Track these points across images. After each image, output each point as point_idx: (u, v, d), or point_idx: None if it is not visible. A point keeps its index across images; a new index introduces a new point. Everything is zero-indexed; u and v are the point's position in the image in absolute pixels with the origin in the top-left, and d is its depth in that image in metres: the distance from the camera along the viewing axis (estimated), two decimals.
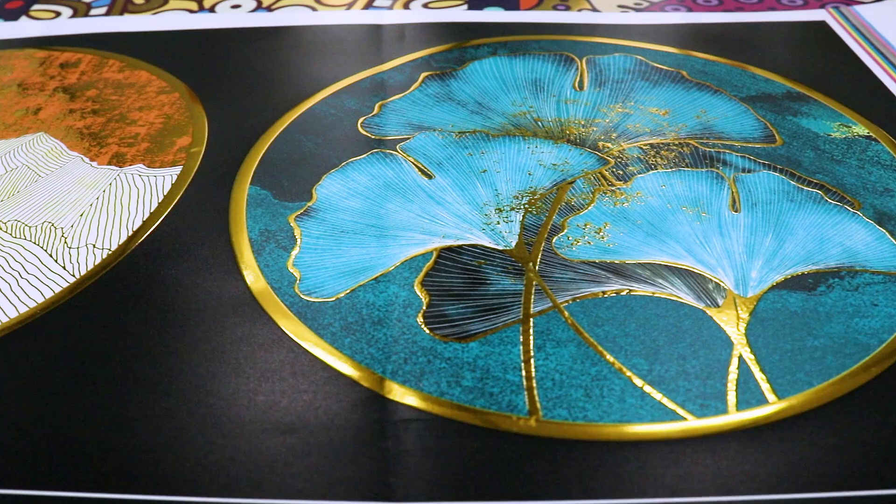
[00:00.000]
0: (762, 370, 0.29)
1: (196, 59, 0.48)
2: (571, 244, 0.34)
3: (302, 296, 0.32)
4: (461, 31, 0.50)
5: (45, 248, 0.35)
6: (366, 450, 0.26)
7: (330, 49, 0.48)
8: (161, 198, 0.37)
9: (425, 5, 0.51)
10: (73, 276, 0.34)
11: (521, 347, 0.30)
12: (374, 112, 0.42)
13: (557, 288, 0.32)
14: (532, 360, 0.29)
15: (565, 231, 0.35)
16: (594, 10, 0.52)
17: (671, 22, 0.52)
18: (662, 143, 0.40)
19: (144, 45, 0.50)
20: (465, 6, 0.53)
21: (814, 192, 0.37)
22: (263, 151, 0.39)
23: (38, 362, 0.30)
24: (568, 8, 0.52)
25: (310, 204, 0.36)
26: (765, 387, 0.28)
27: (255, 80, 0.46)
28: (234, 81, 0.46)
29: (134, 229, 0.36)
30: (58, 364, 0.29)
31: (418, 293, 0.32)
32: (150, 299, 0.32)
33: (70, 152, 0.41)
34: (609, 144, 0.40)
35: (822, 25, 0.52)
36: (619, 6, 0.52)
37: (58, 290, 0.33)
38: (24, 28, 0.53)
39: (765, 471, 0.26)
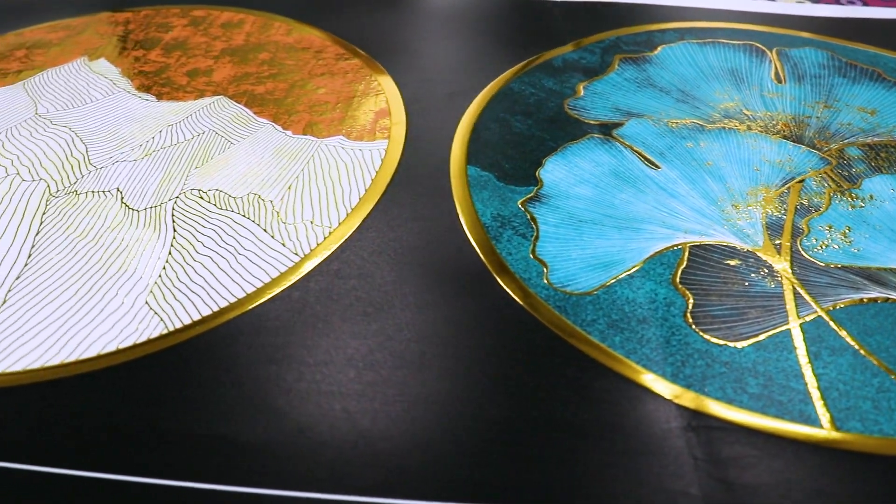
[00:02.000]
0: None
1: (361, 23, 0.46)
2: (818, 247, 0.33)
3: (555, 288, 0.30)
4: (637, 14, 0.48)
5: (256, 221, 0.33)
6: (666, 458, 0.25)
7: (507, 23, 0.46)
8: (374, 173, 0.35)
9: None
10: (296, 254, 0.32)
11: (797, 354, 0.29)
12: (578, 94, 0.40)
13: (816, 293, 0.31)
14: (812, 368, 0.28)
15: (809, 233, 0.33)
16: None
17: (849, 16, 0.50)
18: (880, 144, 0.39)
19: (305, 7, 0.47)
20: None
21: None
22: (470, 129, 0.38)
23: (272, 341, 0.28)
24: None
25: (538, 189, 0.34)
26: None
27: (433, 51, 0.43)
28: (411, 51, 0.43)
29: (352, 206, 0.34)
30: (293, 341, 0.28)
31: (678, 291, 0.30)
32: (381, 280, 0.30)
33: (258, 119, 0.39)
34: (825, 143, 0.39)
35: None
36: None
37: (282, 268, 0.31)
38: None
39: None
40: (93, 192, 0.35)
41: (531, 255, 0.31)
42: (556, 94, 0.40)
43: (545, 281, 0.30)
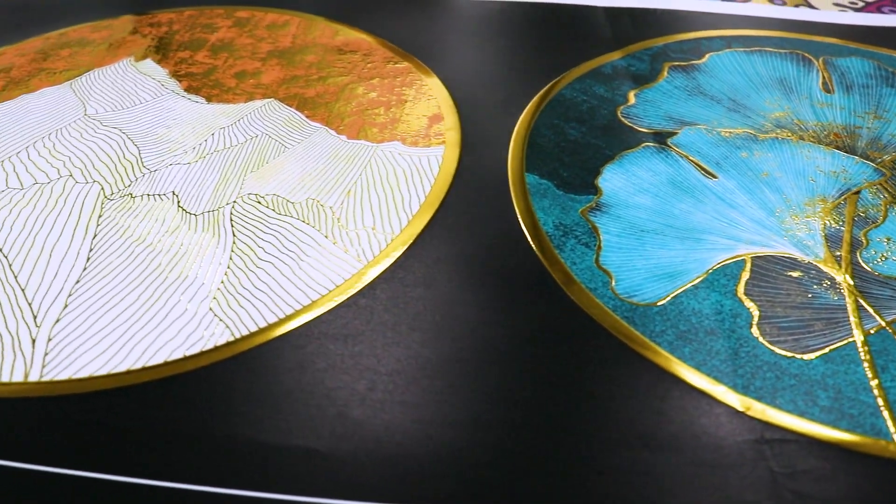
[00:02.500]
0: None
1: (409, 27, 0.46)
2: (878, 259, 0.33)
3: (622, 298, 0.30)
4: (682, 20, 0.48)
5: (317, 227, 0.33)
6: (744, 470, 0.25)
7: (551, 28, 0.46)
8: (432, 180, 0.35)
9: None
10: (359, 260, 0.32)
11: (864, 367, 0.29)
12: (630, 102, 0.40)
13: (879, 305, 0.31)
14: (879, 382, 0.28)
15: (868, 245, 0.34)
16: (810, 6, 0.50)
17: (893, 25, 0.50)
18: None
19: (347, 8, 0.47)
20: None
21: None
22: (525, 136, 0.37)
23: (341, 349, 0.28)
24: (784, 3, 0.50)
25: (598, 198, 0.34)
26: None
27: (480, 56, 0.43)
28: (458, 55, 0.43)
29: (413, 213, 0.34)
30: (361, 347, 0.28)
31: (744, 303, 0.30)
32: (447, 288, 0.30)
33: (311, 123, 0.39)
34: (878, 154, 0.39)
35: None
36: (836, 4, 0.50)
37: (346, 275, 0.31)
38: None
39: None
40: (148, 195, 0.35)
41: (595, 265, 0.31)
42: (607, 102, 0.40)
43: (611, 291, 0.30)
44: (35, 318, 0.30)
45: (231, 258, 0.32)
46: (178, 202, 0.35)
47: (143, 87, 0.43)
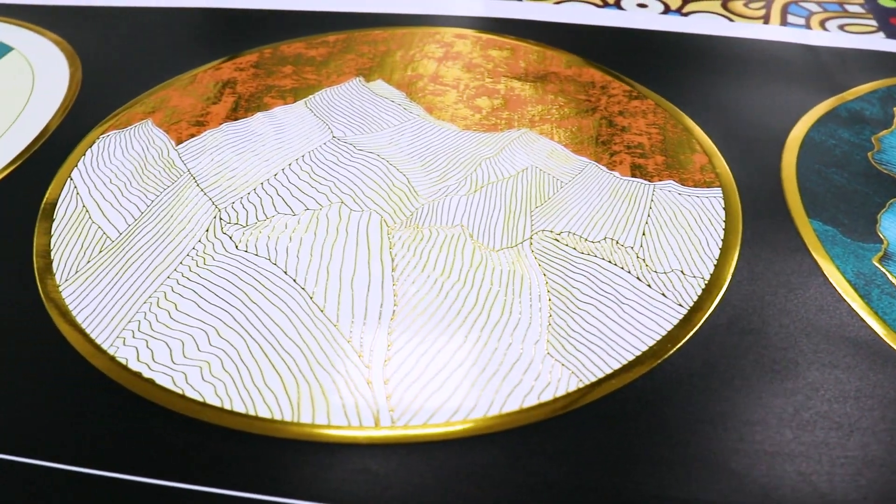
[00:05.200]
0: None
1: (619, 57, 0.46)
2: None
3: None
4: (887, 62, 0.49)
5: (626, 269, 0.33)
6: None
7: (776, 65, 0.46)
8: (722, 223, 0.35)
9: (841, 27, 0.50)
10: (681, 305, 0.32)
11: None
12: (877, 148, 0.41)
13: None
14: None
15: None
16: None
17: None
18: None
19: (552, 35, 0.47)
20: (882, 34, 0.51)
21: None
22: (794, 180, 0.38)
23: (693, 397, 0.28)
24: None
25: (885, 247, 0.35)
26: None
27: (716, 94, 0.44)
28: (696, 91, 0.44)
29: (714, 256, 0.34)
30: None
31: None
32: (774, 335, 0.31)
33: (577, 157, 0.38)
34: None
35: None
36: None
37: (672, 321, 0.31)
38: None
39: None
40: (437, 227, 0.35)
41: None
42: (856, 147, 0.41)
43: None
44: (361, 357, 0.30)
45: (550, 298, 0.32)
46: (471, 235, 0.34)
47: (385, 109, 0.42)
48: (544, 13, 0.49)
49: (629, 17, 0.49)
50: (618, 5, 0.50)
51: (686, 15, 0.51)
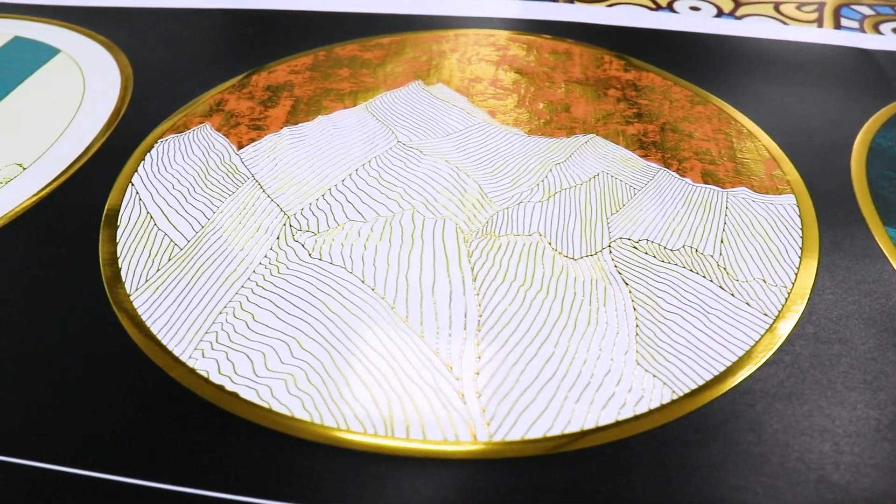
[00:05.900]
0: None
1: (676, 61, 0.46)
2: None
3: None
4: None
5: (709, 277, 0.33)
6: None
7: (833, 69, 0.46)
8: (799, 230, 0.35)
9: (895, 30, 0.50)
10: (765, 314, 0.31)
11: None
12: None
13: None
14: None
15: None
16: None
17: None
18: None
19: (605, 38, 0.47)
20: None
21: None
22: (866, 186, 0.38)
23: (788, 409, 0.28)
24: None
25: None
26: None
27: (778, 96, 0.43)
28: (755, 94, 0.43)
29: (795, 265, 0.34)
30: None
31: None
32: (862, 346, 0.30)
33: (648, 163, 0.38)
34: None
35: None
36: None
37: (759, 329, 0.30)
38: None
39: None
40: (514, 234, 0.34)
41: None
42: None
43: None
44: (450, 369, 0.29)
45: (635, 308, 0.31)
46: (550, 243, 0.34)
47: (448, 113, 0.41)
48: (597, 16, 0.49)
49: (683, 21, 0.49)
50: (670, 8, 0.50)
51: (739, 18, 0.51)
